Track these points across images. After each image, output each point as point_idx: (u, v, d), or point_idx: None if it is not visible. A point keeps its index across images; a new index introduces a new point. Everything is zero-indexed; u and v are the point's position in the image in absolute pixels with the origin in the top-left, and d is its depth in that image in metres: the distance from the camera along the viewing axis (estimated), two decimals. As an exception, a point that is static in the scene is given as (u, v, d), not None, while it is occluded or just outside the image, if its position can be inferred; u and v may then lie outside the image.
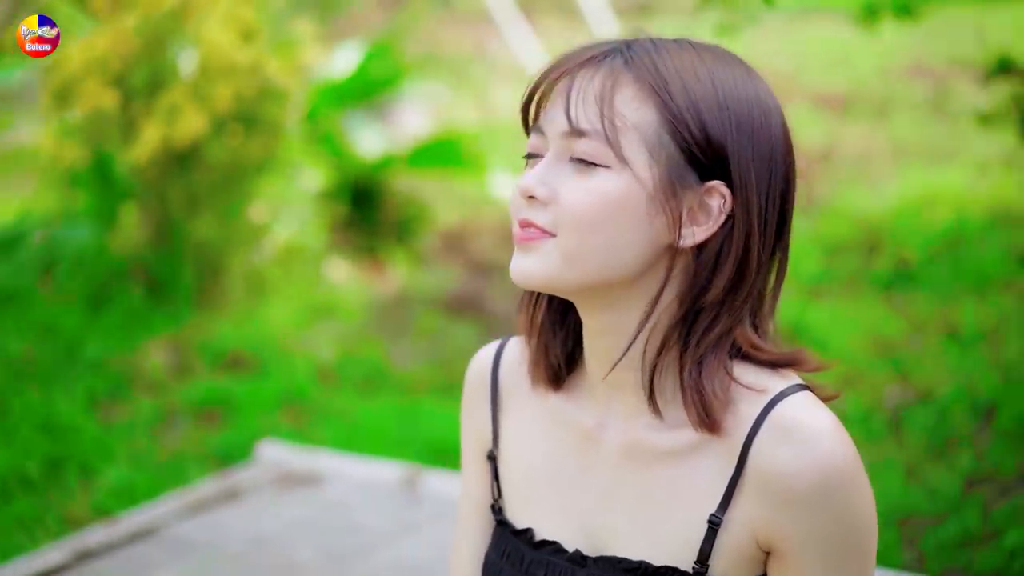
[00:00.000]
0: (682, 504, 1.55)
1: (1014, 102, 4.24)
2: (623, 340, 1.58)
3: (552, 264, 1.53)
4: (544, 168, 1.54)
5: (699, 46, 1.58)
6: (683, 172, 1.51)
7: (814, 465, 1.46)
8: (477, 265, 6.84)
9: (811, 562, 1.49)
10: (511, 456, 1.74)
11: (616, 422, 1.63)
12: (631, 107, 1.50)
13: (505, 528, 1.72)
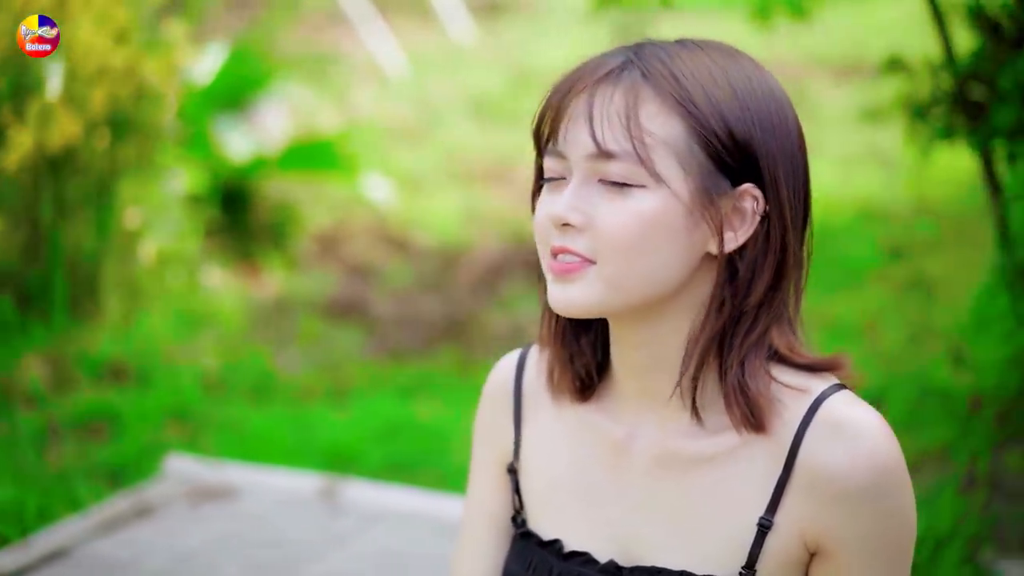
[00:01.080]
0: (726, 510, 1.55)
1: (905, 99, 4.34)
2: (662, 351, 1.58)
3: (596, 292, 1.52)
4: (573, 194, 1.52)
5: (704, 46, 1.59)
6: (716, 179, 1.52)
7: (866, 461, 1.48)
8: (354, 268, 6.77)
9: (859, 559, 1.51)
10: (533, 467, 1.72)
11: (648, 432, 1.62)
12: (657, 122, 1.50)
13: (529, 540, 1.70)
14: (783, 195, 1.55)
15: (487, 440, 1.80)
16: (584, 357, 1.68)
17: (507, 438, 1.77)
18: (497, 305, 6.20)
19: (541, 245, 1.58)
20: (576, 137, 1.53)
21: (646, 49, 1.56)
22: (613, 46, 1.62)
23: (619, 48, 1.59)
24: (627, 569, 1.61)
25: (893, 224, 6.47)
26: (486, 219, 7.28)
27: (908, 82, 4.49)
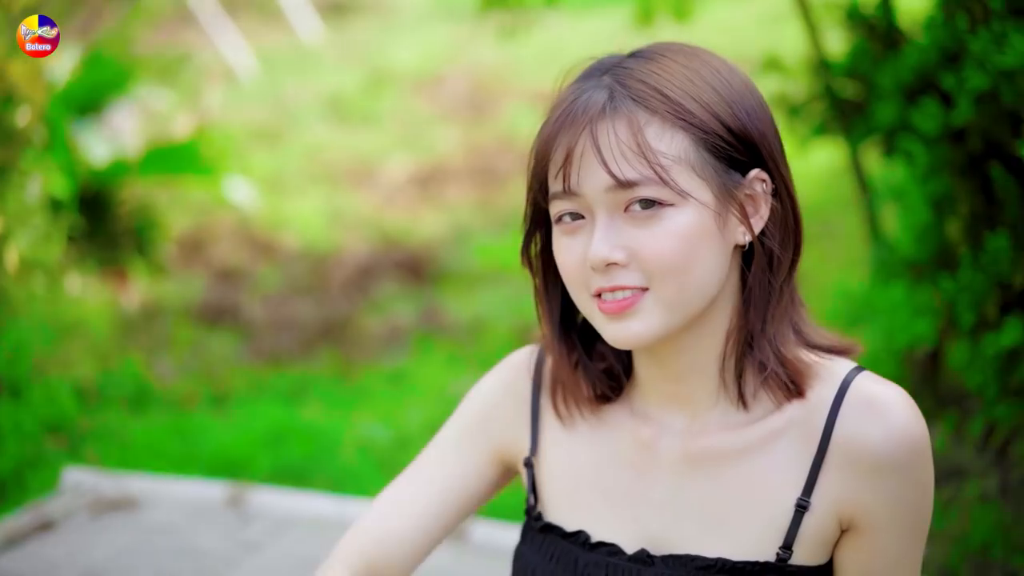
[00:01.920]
0: (760, 497, 1.60)
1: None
2: (700, 355, 1.64)
3: (656, 319, 1.56)
4: (605, 232, 1.55)
5: (666, 52, 1.63)
6: (729, 176, 1.57)
7: (900, 435, 1.55)
8: (221, 272, 6.69)
9: (889, 531, 1.58)
10: (553, 462, 1.75)
11: (676, 431, 1.66)
12: (664, 142, 1.54)
13: (551, 532, 1.72)
14: (783, 169, 1.61)
15: (488, 417, 1.81)
16: (599, 373, 1.72)
17: (520, 434, 1.79)
18: (371, 307, 6.19)
19: (577, 288, 1.61)
20: (590, 175, 1.55)
21: (620, 73, 1.60)
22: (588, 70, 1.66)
23: (591, 77, 1.62)
24: (659, 558, 1.65)
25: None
26: (351, 220, 7.26)
27: (785, 81, 4.64)
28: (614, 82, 1.59)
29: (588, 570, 1.68)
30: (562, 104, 1.61)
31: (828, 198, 6.78)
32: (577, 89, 1.61)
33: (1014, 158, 3.51)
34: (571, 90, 1.62)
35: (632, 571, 1.65)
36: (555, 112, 1.61)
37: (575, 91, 1.61)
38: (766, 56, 4.56)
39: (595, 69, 1.64)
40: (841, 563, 1.62)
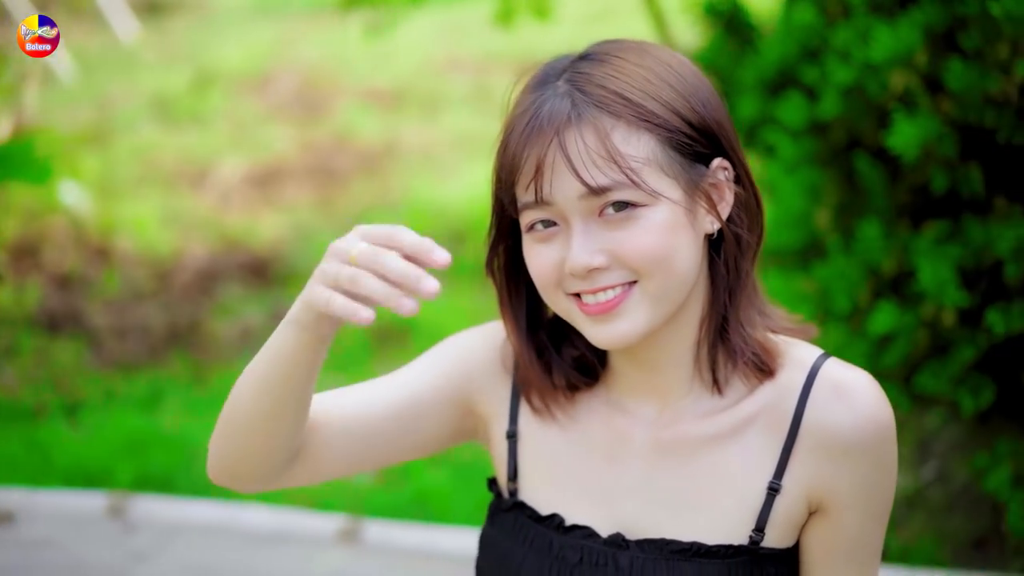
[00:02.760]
0: (732, 482, 1.65)
1: None
2: (675, 344, 1.67)
3: (644, 315, 1.59)
4: (583, 239, 1.58)
5: (616, 52, 1.66)
6: (694, 169, 1.61)
7: (868, 419, 1.61)
8: (57, 278, 6.49)
9: (856, 512, 1.64)
10: (529, 443, 1.77)
11: (649, 420, 1.70)
12: (631, 145, 1.58)
13: (521, 512, 1.74)
14: (740, 154, 1.67)
15: (468, 360, 1.80)
16: (571, 367, 1.75)
17: (497, 393, 1.79)
18: (218, 310, 6.10)
19: (552, 292, 1.63)
20: (562, 184, 1.57)
21: (577, 79, 1.62)
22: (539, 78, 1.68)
23: (546, 85, 1.64)
24: (634, 542, 1.68)
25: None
26: (188, 222, 7.12)
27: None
28: (573, 89, 1.61)
29: (563, 553, 1.70)
30: (524, 115, 1.62)
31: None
32: (536, 98, 1.62)
33: (878, 148, 3.65)
34: (530, 99, 1.64)
35: (607, 554, 1.68)
36: (518, 123, 1.62)
37: (535, 100, 1.62)
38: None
39: (548, 75, 1.65)
40: (807, 545, 1.68)
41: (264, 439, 1.61)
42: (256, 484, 1.67)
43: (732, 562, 1.64)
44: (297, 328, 1.53)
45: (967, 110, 3.25)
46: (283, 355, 1.55)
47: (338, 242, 1.48)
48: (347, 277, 1.43)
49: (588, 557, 1.69)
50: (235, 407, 1.61)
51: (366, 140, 8.05)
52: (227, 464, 1.65)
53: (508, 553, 1.74)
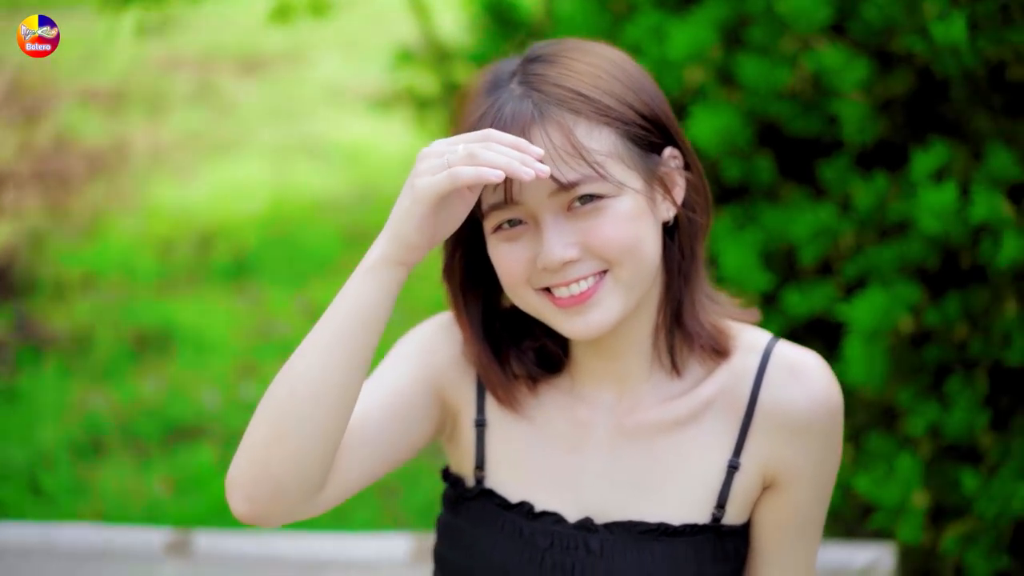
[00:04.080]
0: (693, 464, 1.72)
1: (409, 90, 4.58)
2: (635, 331, 1.72)
3: (616, 303, 1.64)
4: (555, 233, 1.62)
5: (566, 51, 1.73)
6: (650, 159, 1.67)
7: (821, 398, 1.70)
8: None
9: (806, 487, 1.74)
10: (495, 432, 1.79)
11: (610, 408, 1.74)
12: (593, 139, 1.63)
13: (489, 500, 1.76)
14: (686, 142, 1.73)
15: (429, 353, 1.81)
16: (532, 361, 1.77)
17: (463, 382, 1.80)
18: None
19: (521, 288, 1.66)
20: (532, 183, 1.60)
21: (532, 80, 1.66)
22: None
23: (500, 88, 1.67)
24: (603, 525, 1.72)
25: (346, 213, 6.72)
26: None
27: (415, 74, 4.75)
28: (530, 89, 1.65)
29: (534, 538, 1.73)
30: (485, 117, 1.65)
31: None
32: (494, 101, 1.66)
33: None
34: (487, 102, 1.67)
35: (577, 538, 1.73)
36: (480, 126, 1.65)
37: (493, 103, 1.66)
38: (399, 50, 4.65)
39: (499, 79, 1.69)
40: (759, 521, 1.76)
41: (327, 421, 1.57)
42: (297, 503, 1.60)
43: (697, 539, 1.71)
44: (383, 268, 1.56)
45: (758, 102, 3.43)
46: (365, 304, 1.56)
47: (429, 148, 1.54)
48: (462, 153, 1.51)
49: (559, 541, 1.73)
50: (295, 391, 1.56)
51: (90, 142, 7.77)
52: (273, 475, 1.57)
53: (476, 541, 1.76)
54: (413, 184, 1.54)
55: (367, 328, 1.57)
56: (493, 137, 1.54)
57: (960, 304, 3.28)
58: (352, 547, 3.13)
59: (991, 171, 3.18)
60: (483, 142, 1.53)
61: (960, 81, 3.26)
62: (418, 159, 1.56)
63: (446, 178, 1.52)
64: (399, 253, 1.56)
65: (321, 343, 1.56)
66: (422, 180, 1.54)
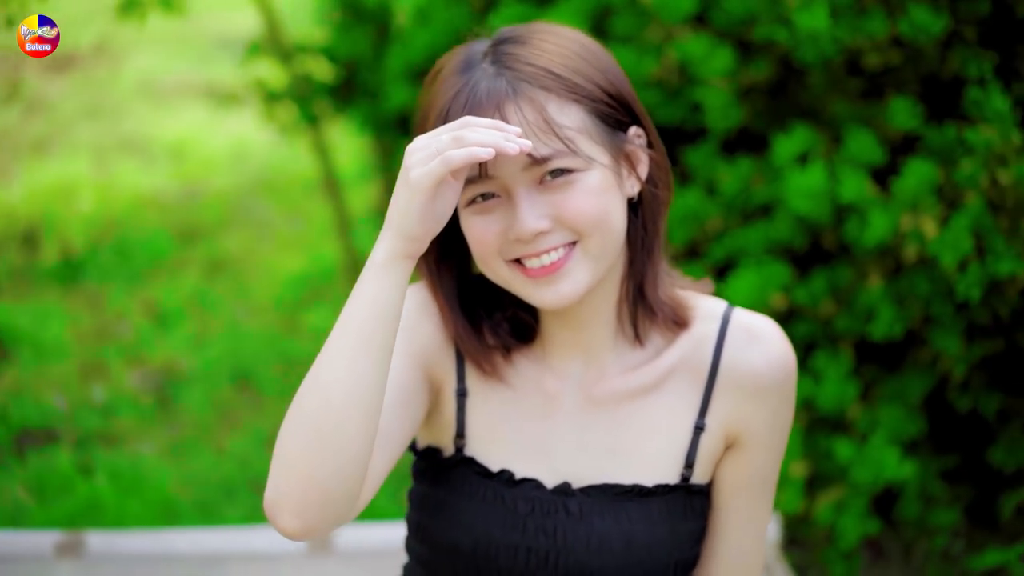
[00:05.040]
0: (661, 427, 1.80)
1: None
2: (600, 302, 1.78)
3: (584, 274, 1.70)
4: (528, 205, 1.68)
5: (535, 33, 1.78)
6: (617, 136, 1.74)
7: (778, 360, 1.81)
8: None
9: (764, 444, 1.84)
10: (477, 399, 1.84)
11: (577, 378, 1.81)
12: (565, 116, 1.69)
13: (469, 467, 1.81)
14: (649, 121, 1.80)
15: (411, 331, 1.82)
16: (506, 332, 1.82)
17: (444, 354, 1.84)
18: None
19: (492, 260, 1.71)
20: (507, 157, 1.64)
21: (504, 59, 1.72)
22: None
23: (472, 68, 1.72)
24: (579, 489, 1.79)
25: (174, 210, 6.61)
26: None
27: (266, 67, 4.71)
28: (503, 68, 1.70)
29: (516, 504, 1.79)
30: (460, 95, 1.69)
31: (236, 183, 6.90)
32: (468, 79, 1.70)
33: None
34: (461, 81, 1.71)
35: (556, 502, 1.79)
36: (455, 103, 1.69)
37: (467, 81, 1.70)
38: (250, 43, 4.62)
39: (471, 59, 1.74)
40: (721, 479, 1.85)
41: (364, 423, 1.59)
42: (343, 509, 1.61)
43: (669, 498, 1.80)
44: (393, 264, 1.59)
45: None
46: (382, 302, 1.59)
47: (413, 143, 1.59)
48: (449, 139, 1.56)
49: (539, 507, 1.79)
50: (330, 401, 1.58)
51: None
52: (320, 486, 1.58)
53: (459, 509, 1.80)
54: (408, 178, 1.58)
55: (387, 326, 1.60)
56: (472, 122, 1.59)
57: (826, 282, 3.44)
58: (250, 540, 3.12)
59: (851, 154, 3.35)
60: (464, 128, 1.57)
61: (819, 68, 3.41)
62: (407, 154, 1.60)
63: (439, 164, 1.56)
64: (405, 247, 1.60)
65: (347, 349, 1.58)
66: (416, 172, 1.57)
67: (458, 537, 1.80)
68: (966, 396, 3.58)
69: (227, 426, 4.62)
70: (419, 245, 1.61)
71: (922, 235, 3.22)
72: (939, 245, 3.19)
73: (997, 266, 3.18)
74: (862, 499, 3.42)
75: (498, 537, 1.78)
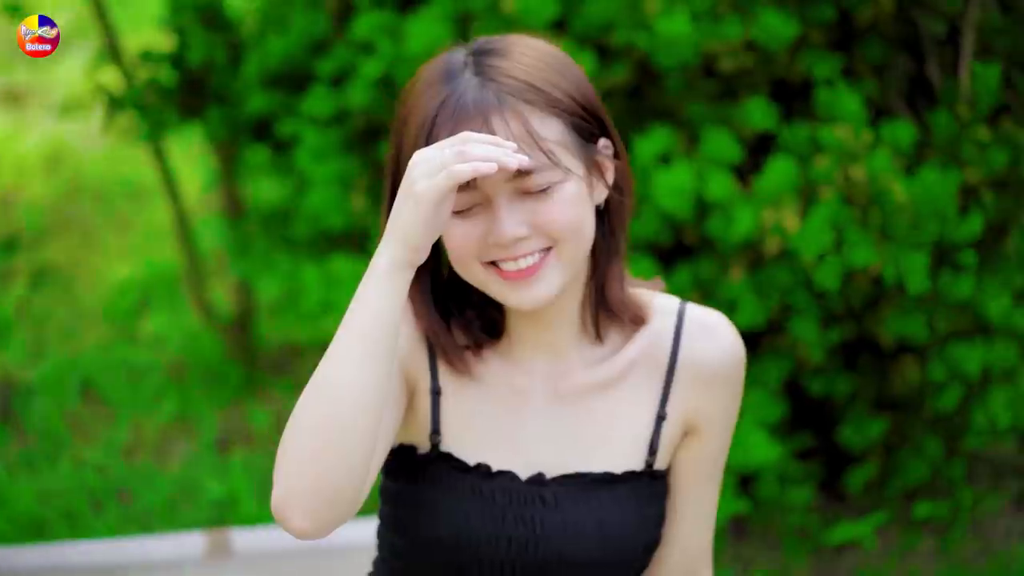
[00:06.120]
0: (626, 416, 1.90)
1: (101, 89, 4.50)
2: (566, 302, 1.87)
3: (557, 278, 1.79)
4: (508, 213, 1.75)
5: (514, 45, 1.83)
6: (589, 147, 1.83)
7: (731, 350, 1.93)
8: None
9: (717, 430, 1.96)
10: (450, 396, 1.90)
11: (544, 375, 1.90)
12: (547, 129, 1.77)
13: (446, 463, 1.88)
14: (616, 133, 1.89)
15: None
16: (478, 328, 1.90)
17: (416, 354, 1.89)
18: None
19: (469, 262, 1.77)
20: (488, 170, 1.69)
21: (487, 71, 1.77)
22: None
23: (454, 78, 1.76)
24: (553, 478, 1.88)
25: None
26: None
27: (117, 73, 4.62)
28: (487, 80, 1.76)
29: (494, 496, 1.86)
30: (447, 104, 1.74)
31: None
32: (453, 89, 1.75)
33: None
34: (445, 90, 1.76)
35: (532, 492, 1.87)
36: (442, 111, 1.74)
37: (452, 90, 1.75)
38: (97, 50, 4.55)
39: (452, 69, 1.79)
40: (677, 465, 1.97)
41: (371, 423, 1.64)
42: (350, 506, 1.66)
43: (636, 484, 1.91)
44: (396, 273, 1.66)
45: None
46: (385, 309, 1.65)
47: (418, 154, 1.65)
48: (452, 153, 1.63)
49: (516, 497, 1.87)
50: (339, 403, 1.62)
51: None
52: (331, 485, 1.63)
53: (437, 502, 1.87)
54: (413, 191, 1.64)
55: (389, 331, 1.66)
56: (472, 138, 1.65)
57: (690, 275, 3.61)
58: (147, 549, 3.11)
59: (710, 153, 3.52)
60: (466, 144, 1.65)
61: (677, 72, 3.58)
62: (410, 167, 1.65)
63: (445, 177, 1.63)
64: (409, 256, 1.66)
65: (354, 354, 1.64)
66: (421, 184, 1.63)
67: (439, 530, 1.87)
68: (820, 380, 3.80)
69: (79, 438, 4.56)
70: (421, 254, 1.67)
71: (783, 229, 3.41)
72: (800, 239, 3.39)
73: (853, 257, 3.39)
74: (731, 480, 3.60)
75: (478, 528, 1.86)
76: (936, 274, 3.52)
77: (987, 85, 3.51)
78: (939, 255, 3.56)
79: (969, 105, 3.57)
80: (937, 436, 4.06)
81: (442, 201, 1.65)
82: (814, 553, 3.95)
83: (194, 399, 4.80)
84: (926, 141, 3.60)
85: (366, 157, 3.97)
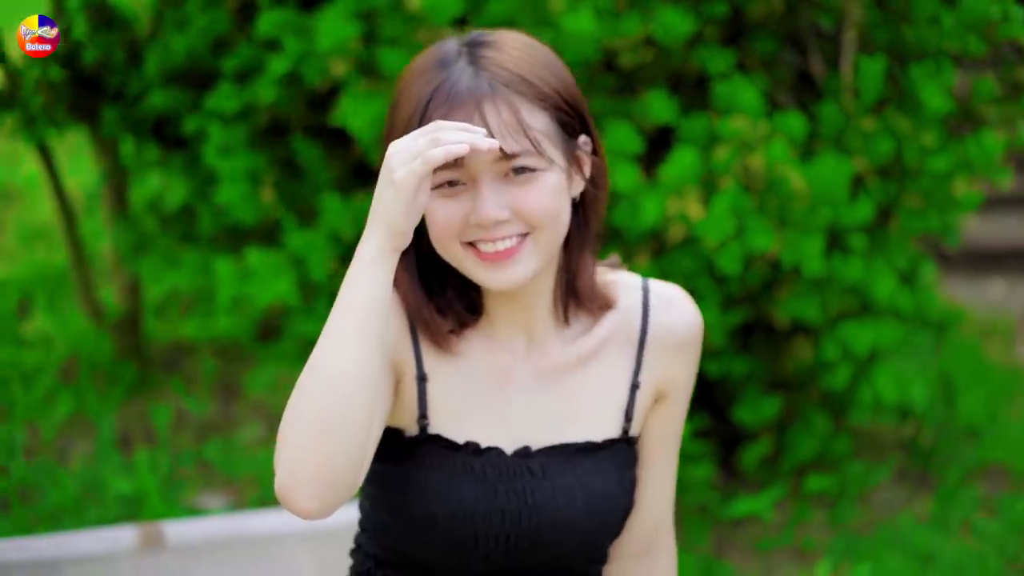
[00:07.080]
0: (602, 388, 2.01)
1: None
2: (540, 286, 1.97)
3: (534, 260, 1.88)
4: (491, 194, 1.85)
5: (507, 40, 1.93)
6: (571, 141, 1.94)
7: (692, 321, 2.06)
8: None
9: (681, 398, 2.09)
10: (436, 380, 1.97)
11: (523, 354, 2.00)
12: (534, 119, 1.87)
13: (436, 444, 1.96)
14: (595, 131, 1.99)
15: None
16: (459, 308, 1.99)
17: (401, 342, 1.95)
18: None
19: (450, 241, 1.86)
20: (478, 151, 1.77)
21: (481, 62, 1.87)
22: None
23: (449, 65, 1.86)
24: (537, 450, 1.98)
25: None
26: None
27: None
28: (480, 69, 1.86)
29: (485, 472, 1.95)
30: (442, 88, 1.84)
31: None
32: (448, 75, 1.85)
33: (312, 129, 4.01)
34: (440, 76, 1.85)
35: (519, 465, 1.97)
36: (437, 95, 1.84)
37: (447, 76, 1.85)
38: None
39: (446, 57, 1.88)
40: (646, 431, 2.09)
41: (368, 404, 1.72)
42: (351, 487, 1.74)
43: (615, 450, 2.02)
44: (384, 259, 1.74)
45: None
46: (376, 294, 1.74)
47: (394, 145, 1.74)
48: (426, 141, 1.72)
49: (505, 471, 1.96)
50: (336, 387, 1.71)
51: None
52: (333, 467, 1.71)
53: (429, 482, 1.94)
54: (392, 179, 1.73)
55: (380, 315, 1.75)
56: (444, 126, 1.75)
57: (596, 263, 3.74)
58: (79, 544, 3.11)
59: (612, 145, 3.65)
60: (438, 131, 1.74)
61: (579, 67, 3.71)
62: (388, 157, 1.74)
63: (421, 163, 1.72)
64: (394, 242, 1.75)
65: (349, 341, 1.73)
66: (399, 172, 1.72)
67: (433, 508, 1.95)
68: (717, 361, 3.97)
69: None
70: (405, 239, 1.76)
71: (687, 218, 3.56)
72: (704, 226, 3.54)
73: (753, 242, 3.57)
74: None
75: (472, 504, 1.95)
76: (828, 257, 3.72)
77: (871, 78, 3.72)
78: (831, 239, 3.76)
79: (854, 97, 3.78)
80: (826, 413, 4.27)
81: (420, 187, 1.75)
82: (714, 527, 4.11)
83: (88, 398, 4.77)
84: (815, 132, 3.80)
85: (273, 152, 4.02)
